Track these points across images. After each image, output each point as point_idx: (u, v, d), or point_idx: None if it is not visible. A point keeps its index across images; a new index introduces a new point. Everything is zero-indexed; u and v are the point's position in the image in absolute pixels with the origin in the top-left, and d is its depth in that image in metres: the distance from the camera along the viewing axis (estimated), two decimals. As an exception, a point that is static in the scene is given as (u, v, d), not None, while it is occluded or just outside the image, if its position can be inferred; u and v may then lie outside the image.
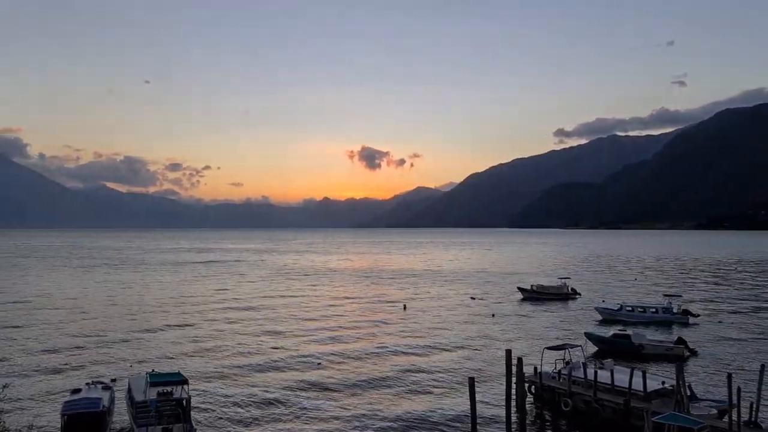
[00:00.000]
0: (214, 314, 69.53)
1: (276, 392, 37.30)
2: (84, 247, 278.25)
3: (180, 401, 29.42)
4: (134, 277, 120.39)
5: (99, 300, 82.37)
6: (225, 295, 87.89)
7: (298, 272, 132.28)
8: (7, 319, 65.82)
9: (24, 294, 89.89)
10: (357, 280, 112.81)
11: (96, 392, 30.27)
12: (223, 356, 47.54)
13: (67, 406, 27.82)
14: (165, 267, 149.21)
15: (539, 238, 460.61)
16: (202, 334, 56.84)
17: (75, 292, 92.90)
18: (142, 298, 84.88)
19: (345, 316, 67.90)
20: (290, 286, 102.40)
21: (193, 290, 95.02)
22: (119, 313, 69.80)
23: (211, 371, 42.63)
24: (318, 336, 55.94)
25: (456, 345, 51.47)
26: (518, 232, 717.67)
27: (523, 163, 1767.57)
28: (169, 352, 49.13)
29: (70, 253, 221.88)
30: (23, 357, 47.27)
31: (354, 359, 46.09)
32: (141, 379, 31.54)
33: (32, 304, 77.63)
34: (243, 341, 53.55)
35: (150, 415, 27.76)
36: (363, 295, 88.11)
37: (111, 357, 47.30)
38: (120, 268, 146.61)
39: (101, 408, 28.05)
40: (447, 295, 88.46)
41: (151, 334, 56.81)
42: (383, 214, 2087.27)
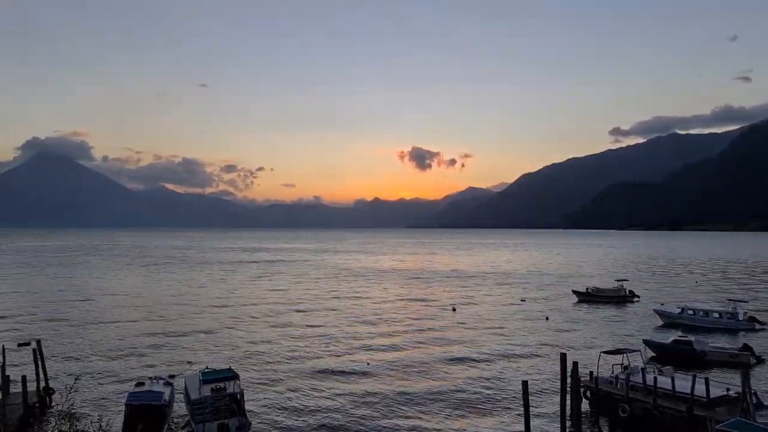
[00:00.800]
0: (266, 313, 70.98)
1: (323, 389, 37.90)
2: (145, 247, 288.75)
3: (233, 396, 30.26)
4: (192, 275, 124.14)
5: (160, 298, 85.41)
6: (277, 295, 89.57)
7: (349, 273, 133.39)
8: (76, 315, 69.15)
9: (91, 291, 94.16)
10: (407, 281, 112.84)
11: (158, 387, 31.42)
12: (273, 354, 48.48)
13: (131, 398, 29.04)
14: (221, 266, 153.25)
15: (594, 239, 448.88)
16: (255, 333, 58.15)
17: (137, 290, 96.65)
18: (200, 296, 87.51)
19: (394, 318, 68.05)
20: (341, 286, 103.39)
21: (247, 289, 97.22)
22: (179, 311, 72.20)
23: (263, 368, 43.59)
24: (367, 336, 56.28)
25: (508, 348, 50.81)
26: (573, 234, 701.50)
27: (577, 162, 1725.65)
28: (224, 349, 50.50)
29: (132, 252, 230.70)
30: (90, 351, 49.56)
31: (402, 360, 46.11)
32: (195, 377, 32.52)
33: (98, 302, 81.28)
34: (293, 340, 54.46)
35: (206, 411, 28.63)
36: (412, 297, 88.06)
37: (170, 353, 49.01)
38: (179, 267, 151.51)
39: (163, 402, 29.13)
40: (498, 297, 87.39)
41: (207, 332, 58.51)
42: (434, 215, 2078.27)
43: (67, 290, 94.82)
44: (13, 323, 63.21)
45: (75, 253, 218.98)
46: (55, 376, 38.98)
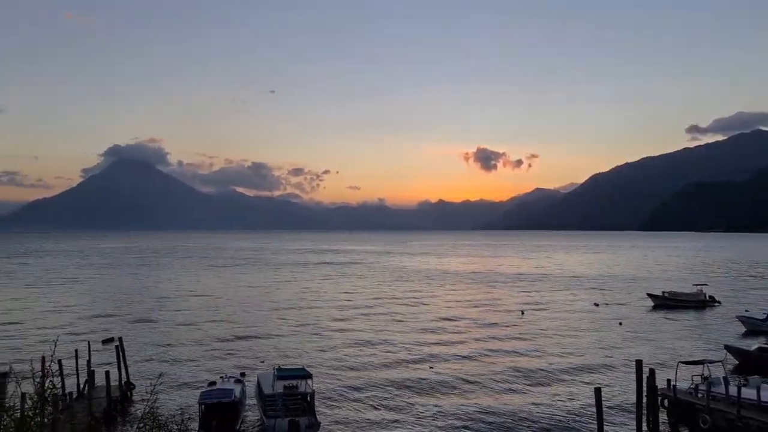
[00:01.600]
0: (334, 315, 71.94)
1: (389, 391, 37.98)
2: (217, 248, 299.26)
3: (305, 395, 30.83)
4: (262, 277, 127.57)
5: (232, 299, 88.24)
6: (344, 297, 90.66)
7: (414, 275, 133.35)
8: (154, 314, 72.47)
9: (167, 292, 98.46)
10: (473, 283, 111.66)
11: (229, 384, 32.42)
12: (342, 354, 49.04)
13: (204, 396, 30.08)
14: (289, 268, 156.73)
15: (671, 241, 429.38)
16: (323, 334, 59.02)
17: (211, 290, 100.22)
18: (270, 297, 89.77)
19: (461, 320, 67.43)
20: (406, 288, 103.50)
21: (315, 291, 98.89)
22: (250, 312, 74.34)
23: (332, 368, 44.17)
24: (433, 339, 56.05)
25: (579, 354, 49.32)
26: (647, 235, 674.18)
27: (651, 162, 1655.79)
28: (294, 348, 51.54)
29: (206, 254, 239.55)
30: (168, 349, 51.79)
31: (468, 365, 45.48)
32: (269, 374, 33.32)
33: (175, 302, 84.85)
34: (360, 342, 54.91)
35: (277, 408, 29.32)
36: (479, 299, 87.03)
37: (242, 352, 50.49)
38: (250, 268, 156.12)
39: (234, 399, 30.03)
40: (569, 300, 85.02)
41: (278, 331, 59.91)
42: (500, 216, 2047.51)
43: (146, 291, 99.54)
44: (97, 321, 66.88)
45: (152, 255, 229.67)
46: (135, 372, 40.92)
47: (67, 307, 78.06)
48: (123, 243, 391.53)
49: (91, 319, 68.20)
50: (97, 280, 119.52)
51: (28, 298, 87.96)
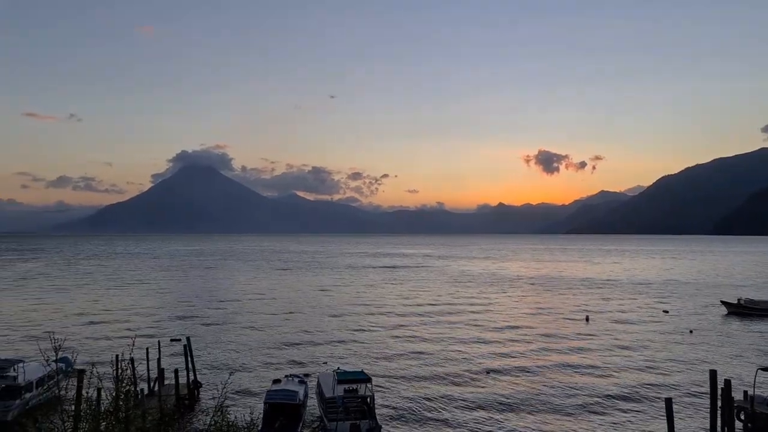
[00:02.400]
0: (394, 318, 72.08)
1: (447, 397, 37.72)
2: (280, 251, 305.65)
3: (365, 398, 31.02)
4: (323, 279, 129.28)
5: (294, 301, 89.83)
6: (403, 300, 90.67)
7: (474, 279, 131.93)
8: (219, 315, 74.69)
9: (232, 293, 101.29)
10: (535, 289, 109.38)
11: (293, 385, 32.99)
12: (401, 359, 49.03)
13: (269, 396, 30.75)
14: (349, 271, 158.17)
15: (745, 246, 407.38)
16: (383, 336, 59.23)
17: (274, 292, 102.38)
18: (330, 299, 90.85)
19: (522, 327, 66.16)
20: (465, 292, 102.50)
21: (375, 294, 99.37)
22: (311, 314, 75.48)
23: (391, 372, 44.22)
24: (492, 346, 55.23)
25: (647, 363, 47.43)
26: (720, 240, 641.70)
27: (724, 163, 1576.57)
28: (354, 351, 51.93)
29: (268, 256, 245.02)
30: (232, 349, 53.23)
31: (528, 372, 44.58)
32: (329, 376, 33.70)
33: (239, 303, 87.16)
34: (419, 344, 54.77)
35: (338, 410, 29.60)
36: (541, 305, 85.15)
37: (303, 354, 51.29)
38: (311, 271, 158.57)
39: (298, 400, 30.54)
40: (636, 307, 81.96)
41: (338, 334, 60.50)
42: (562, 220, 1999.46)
43: (211, 292, 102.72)
44: (165, 321, 69.52)
45: (217, 258, 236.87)
46: (202, 371, 42.25)
47: (138, 307, 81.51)
48: (189, 245, 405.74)
49: (160, 319, 70.92)
50: (165, 281, 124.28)
51: (103, 298, 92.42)
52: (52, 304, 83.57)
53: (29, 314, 74.02)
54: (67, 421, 13.62)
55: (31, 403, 33.96)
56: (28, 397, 34.07)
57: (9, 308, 79.38)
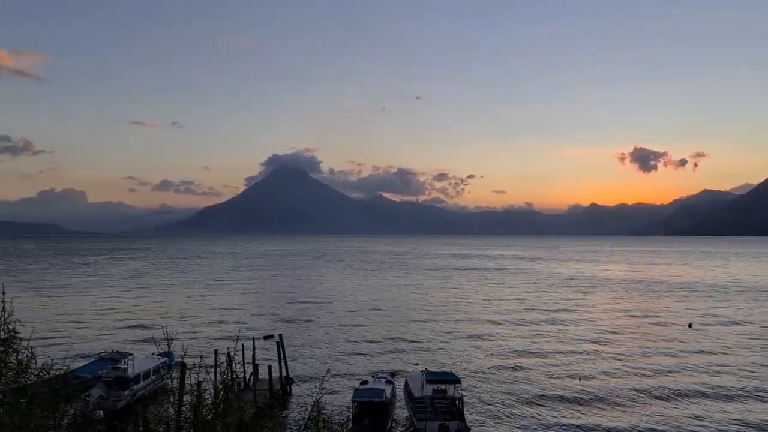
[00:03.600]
0: (482, 320, 71.00)
1: (536, 402, 36.60)
2: (367, 251, 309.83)
3: (454, 399, 30.67)
4: (410, 281, 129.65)
5: (382, 301, 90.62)
6: (491, 302, 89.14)
7: (566, 281, 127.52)
8: (309, 314, 76.62)
9: (321, 293, 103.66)
10: (632, 292, 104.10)
11: (381, 384, 33.19)
12: (489, 361, 48.14)
13: (357, 394, 31.08)
14: (436, 272, 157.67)
15: None
16: (471, 338, 58.44)
17: (361, 293, 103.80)
18: (418, 300, 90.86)
19: (617, 331, 63.16)
20: (556, 295, 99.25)
21: (462, 295, 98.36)
22: (398, 314, 75.84)
23: (479, 374, 43.49)
24: (585, 351, 53.07)
25: (754, 374, 43.82)
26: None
27: None
28: (441, 352, 51.58)
29: (357, 257, 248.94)
30: (322, 347, 54.39)
31: (624, 381, 42.33)
32: (417, 377, 33.61)
33: (328, 303, 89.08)
34: (509, 347, 53.56)
35: (427, 410, 29.42)
36: (639, 309, 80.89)
37: (390, 353, 51.55)
38: (398, 272, 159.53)
39: (385, 399, 30.66)
40: (744, 314, 76.06)
41: (426, 335, 60.34)
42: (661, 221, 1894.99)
43: (302, 291, 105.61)
44: (259, 318, 72.14)
45: (307, 258, 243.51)
46: (293, 368, 43.35)
47: (233, 305, 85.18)
48: (280, 246, 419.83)
49: (254, 316, 73.69)
50: (258, 280, 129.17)
51: (202, 296, 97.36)
52: (157, 301, 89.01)
53: (137, 310, 79.21)
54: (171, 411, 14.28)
55: (139, 394, 36.17)
56: (137, 388, 36.32)
57: (119, 304, 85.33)
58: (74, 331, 62.17)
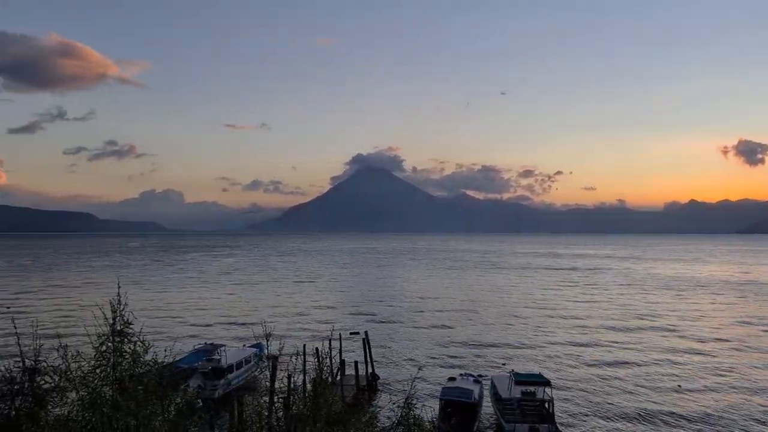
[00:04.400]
0: (570, 322, 68.67)
1: (632, 408, 34.88)
2: (450, 250, 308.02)
3: (543, 402, 29.78)
4: (494, 279, 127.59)
5: (467, 299, 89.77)
6: (581, 304, 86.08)
7: (662, 282, 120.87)
8: (393, 311, 77.11)
9: (406, 291, 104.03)
10: (739, 296, 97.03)
11: (468, 384, 32.77)
12: (579, 364, 46.41)
13: (445, 393, 30.86)
14: (521, 271, 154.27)
15: None
16: (559, 339, 56.63)
17: (446, 291, 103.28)
18: (504, 300, 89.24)
19: (720, 337, 59.02)
20: (652, 297, 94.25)
21: (550, 296, 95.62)
22: (483, 313, 74.82)
23: (569, 377, 42.02)
24: (685, 355, 50.07)
25: None
26: None
27: None
28: (529, 354, 50.29)
29: (440, 255, 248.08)
30: (406, 345, 54.52)
31: (729, 397, 39.12)
32: (505, 378, 32.90)
33: (412, 300, 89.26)
34: (601, 351, 51.42)
35: (515, 412, 28.74)
36: (747, 316, 75.26)
37: (476, 353, 50.87)
38: (482, 270, 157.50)
39: (473, 399, 30.23)
40: None
41: (512, 336, 59.13)
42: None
43: (386, 289, 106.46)
44: (344, 315, 73.33)
45: (390, 255, 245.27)
46: (378, 364, 43.69)
47: (320, 301, 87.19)
48: (364, 244, 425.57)
49: (339, 313, 75.02)
50: (343, 278, 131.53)
51: (289, 291, 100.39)
52: (248, 296, 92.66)
53: (230, 305, 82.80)
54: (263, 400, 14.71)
55: (232, 384, 37.73)
56: (230, 378, 37.91)
57: (213, 299, 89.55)
58: (172, 323, 65.83)
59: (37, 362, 8.96)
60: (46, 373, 8.67)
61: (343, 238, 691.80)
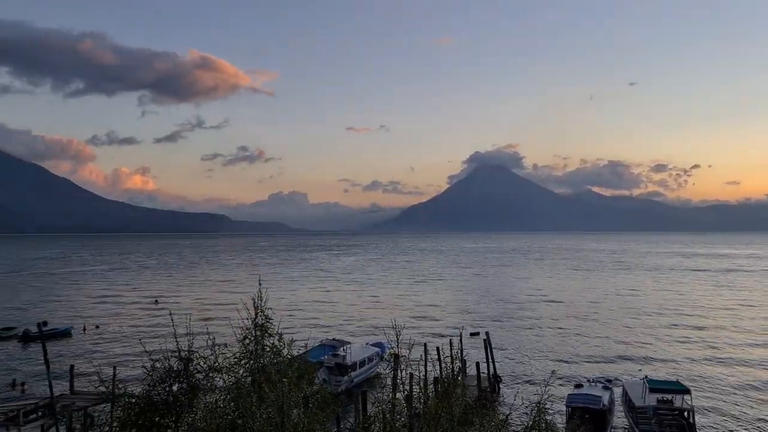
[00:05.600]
0: (714, 326, 63.29)
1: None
2: (574, 249, 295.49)
3: (682, 411, 27.79)
4: (625, 281, 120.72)
5: (593, 302, 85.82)
6: (724, 306, 79.20)
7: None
8: (515, 312, 75.49)
9: (527, 291, 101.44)
10: None
11: (597, 390, 31.30)
12: (722, 372, 42.60)
13: (571, 399, 29.68)
14: (656, 272, 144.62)
15: None
16: (699, 346, 52.43)
17: (570, 292, 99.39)
18: (635, 302, 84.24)
19: None
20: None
21: (688, 299, 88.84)
22: (612, 316, 71.11)
23: (711, 385, 38.77)
24: None
25: None
26: None
27: None
28: (664, 359, 47.08)
29: (563, 255, 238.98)
30: (530, 348, 53.12)
31: None
32: (638, 384, 31.08)
33: (535, 302, 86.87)
34: (746, 360, 46.84)
35: (651, 422, 27.05)
36: None
37: (605, 357, 48.46)
38: (611, 271, 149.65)
39: (602, 406, 28.82)
40: None
41: (645, 340, 55.64)
42: None
43: (507, 289, 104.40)
44: (464, 315, 72.86)
45: (510, 255, 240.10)
46: (500, 367, 42.91)
47: (439, 300, 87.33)
48: (484, 243, 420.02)
49: (459, 312, 74.67)
50: (463, 277, 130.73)
51: (408, 291, 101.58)
52: (369, 294, 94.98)
53: (352, 302, 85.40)
54: (384, 397, 15.04)
55: (355, 381, 38.84)
56: (354, 375, 39.05)
57: (336, 296, 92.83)
58: (298, 318, 69.02)
59: (191, 352, 9.93)
60: (197, 363, 9.60)
61: (461, 237, 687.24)
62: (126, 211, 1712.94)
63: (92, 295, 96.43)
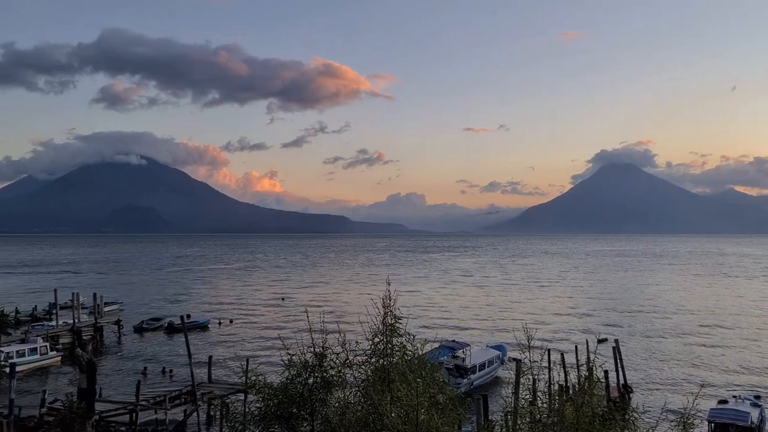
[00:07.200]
0: None
1: None
2: (713, 253, 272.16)
3: None
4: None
5: (734, 311, 78.88)
6: None
7: None
8: (645, 320, 71.19)
9: (657, 298, 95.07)
10: None
11: (744, 406, 28.86)
12: None
13: (714, 414, 27.59)
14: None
15: None
16: None
17: (708, 300, 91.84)
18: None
19: None
20: None
21: None
22: (760, 328, 64.81)
23: None
24: None
25: None
26: None
27: None
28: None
29: (702, 260, 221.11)
30: (662, 358, 49.74)
31: None
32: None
33: (666, 309, 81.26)
34: None
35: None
36: None
37: (747, 372, 44.32)
38: (756, 278, 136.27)
39: (750, 423, 26.47)
40: None
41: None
42: None
43: (638, 295, 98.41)
44: (589, 320, 69.73)
45: (641, 258, 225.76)
46: (630, 376, 40.53)
47: (562, 305, 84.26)
48: (611, 246, 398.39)
49: (584, 317, 71.58)
50: (588, 282, 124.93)
51: (531, 293, 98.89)
52: (488, 297, 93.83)
53: (470, 304, 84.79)
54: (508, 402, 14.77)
55: (474, 384, 38.52)
56: (473, 377, 38.75)
57: (454, 298, 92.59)
58: (419, 318, 69.50)
59: (324, 349, 10.47)
60: (330, 359, 10.09)
61: (585, 239, 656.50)
62: (255, 213, 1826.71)
63: (226, 290, 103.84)
